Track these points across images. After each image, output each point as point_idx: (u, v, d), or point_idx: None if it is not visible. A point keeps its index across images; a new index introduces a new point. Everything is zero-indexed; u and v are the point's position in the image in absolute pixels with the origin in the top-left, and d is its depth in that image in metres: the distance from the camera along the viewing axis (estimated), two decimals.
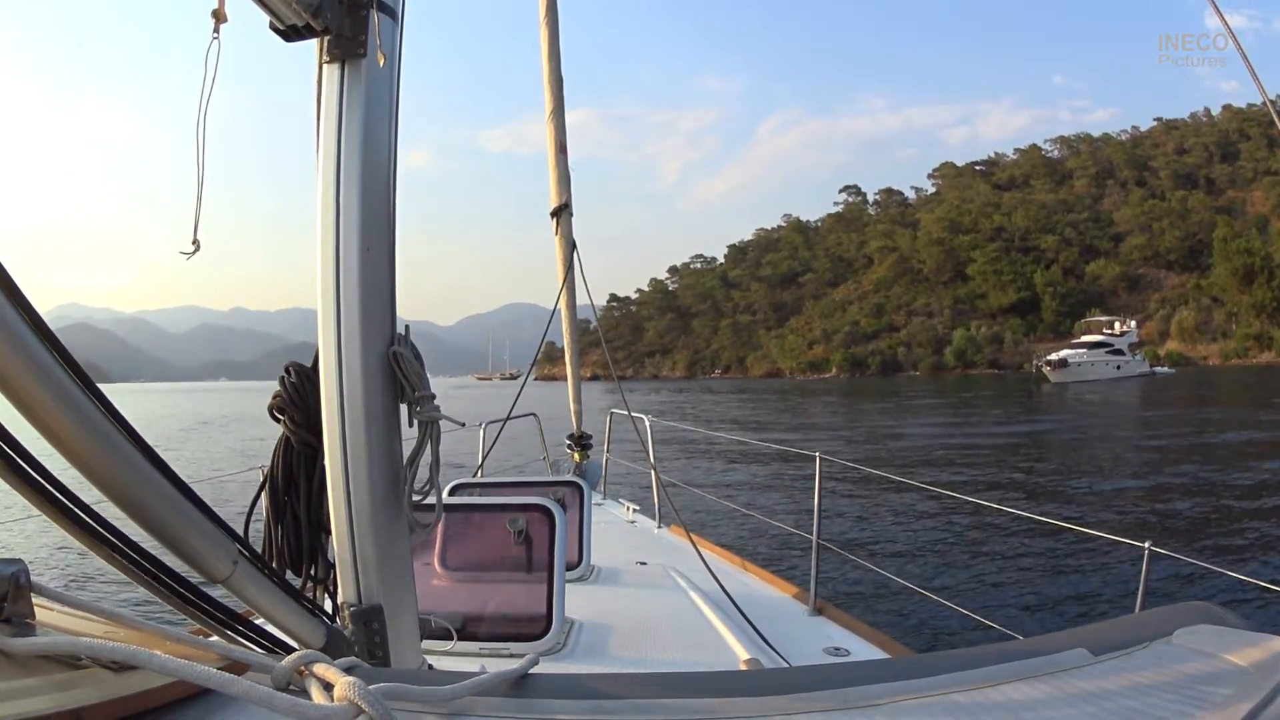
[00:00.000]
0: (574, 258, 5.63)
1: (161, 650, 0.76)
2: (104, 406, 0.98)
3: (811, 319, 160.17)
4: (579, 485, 4.38)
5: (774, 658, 3.07)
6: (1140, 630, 0.92)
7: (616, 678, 0.88)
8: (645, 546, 5.13)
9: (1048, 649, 0.89)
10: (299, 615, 1.42)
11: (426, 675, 1.18)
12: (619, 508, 6.53)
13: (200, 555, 1.15)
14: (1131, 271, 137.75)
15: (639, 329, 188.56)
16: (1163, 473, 16.55)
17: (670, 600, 3.78)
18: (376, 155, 1.60)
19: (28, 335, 0.86)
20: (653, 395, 65.97)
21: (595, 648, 3.08)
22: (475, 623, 3.03)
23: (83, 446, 0.95)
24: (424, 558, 3.28)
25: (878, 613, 7.36)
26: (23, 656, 0.70)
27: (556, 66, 5.67)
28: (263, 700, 0.65)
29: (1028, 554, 10.03)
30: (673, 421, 22.37)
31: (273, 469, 1.74)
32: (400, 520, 1.67)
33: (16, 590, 0.78)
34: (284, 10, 1.45)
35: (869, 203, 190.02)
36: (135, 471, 1.04)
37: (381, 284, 1.62)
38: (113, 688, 0.70)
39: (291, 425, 1.71)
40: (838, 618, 3.81)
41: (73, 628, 0.88)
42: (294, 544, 1.72)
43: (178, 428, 39.17)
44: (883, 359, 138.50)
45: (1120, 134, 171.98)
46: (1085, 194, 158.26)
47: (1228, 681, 0.77)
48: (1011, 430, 28.09)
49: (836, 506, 12.73)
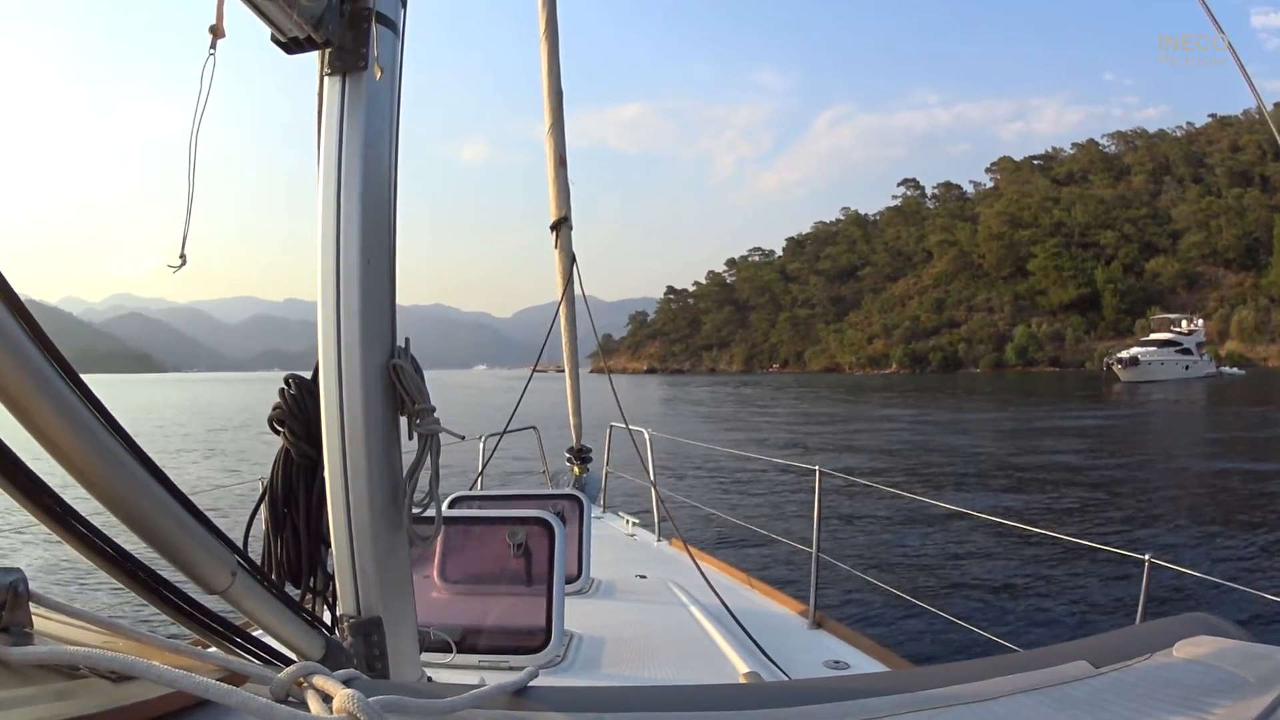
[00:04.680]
0: (574, 271, 5.64)
1: (160, 661, 0.76)
2: (103, 416, 0.98)
3: (871, 313, 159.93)
4: (578, 498, 4.38)
5: (774, 671, 3.05)
6: (1141, 642, 0.92)
7: (615, 691, 0.88)
8: (644, 560, 5.11)
9: (1048, 661, 0.88)
10: (298, 627, 1.41)
11: (425, 688, 1.18)
12: (618, 521, 6.51)
13: (199, 566, 1.15)
14: (1190, 269, 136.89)
15: (696, 322, 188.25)
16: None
17: (669, 614, 3.76)
18: (377, 167, 1.61)
19: (26, 345, 0.86)
20: (708, 392, 62.44)
21: (594, 661, 3.07)
22: (474, 635, 3.02)
23: (81, 457, 0.95)
24: (423, 570, 3.28)
25: (877, 626, 7.32)
26: (21, 666, 0.70)
27: (556, 81, 5.71)
28: (261, 712, 0.65)
29: (1028, 567, 10.00)
30: (673, 435, 22.21)
31: (272, 481, 1.74)
32: (400, 532, 1.67)
33: (15, 599, 0.78)
34: (285, 23, 1.46)
35: (927, 196, 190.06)
36: (134, 482, 1.04)
37: (382, 296, 1.62)
38: (111, 697, 0.70)
39: (291, 437, 1.71)
40: (837, 631, 3.79)
41: (71, 637, 0.87)
42: (293, 556, 1.72)
43: (222, 418, 40.05)
44: (943, 355, 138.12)
45: (1175, 130, 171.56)
46: (1143, 190, 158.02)
47: (1228, 693, 0.76)
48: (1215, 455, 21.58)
49: (838, 519, 12.69)
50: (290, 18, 1.44)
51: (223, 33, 1.41)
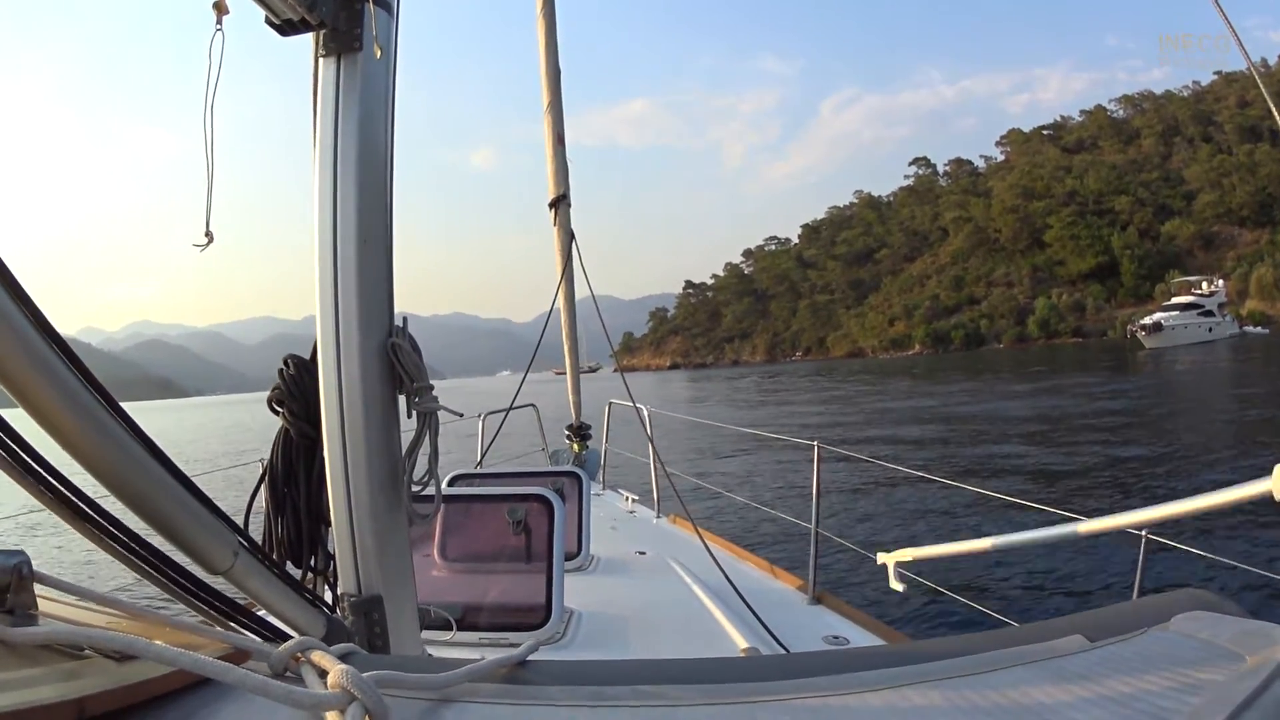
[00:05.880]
0: (573, 249, 5.62)
1: (164, 640, 0.77)
2: (105, 400, 0.99)
3: (890, 295, 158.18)
4: (578, 475, 4.39)
5: (773, 646, 3.08)
6: (1137, 617, 0.92)
7: (614, 664, 0.89)
8: (644, 536, 5.14)
9: (1044, 635, 0.89)
10: (299, 606, 1.43)
11: (421, 662, 1.19)
12: (618, 498, 6.54)
13: (201, 547, 1.16)
14: (1206, 230, 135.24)
15: (716, 315, 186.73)
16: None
17: (669, 589, 3.79)
18: (374, 148, 1.60)
19: (28, 330, 0.86)
20: (731, 385, 61.46)
21: (594, 637, 3.10)
22: (475, 613, 3.04)
23: (84, 440, 0.96)
24: (424, 549, 3.30)
25: (877, 602, 7.39)
26: (26, 647, 0.71)
27: (554, 60, 5.67)
28: (258, 688, 0.66)
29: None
30: (672, 412, 22.16)
31: (272, 461, 1.75)
32: (399, 511, 1.68)
33: (19, 581, 0.79)
34: (280, 5, 1.45)
35: (939, 174, 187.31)
36: (136, 465, 1.04)
37: (380, 276, 1.62)
38: (115, 677, 0.71)
39: (290, 417, 1.72)
40: (837, 607, 3.82)
41: (76, 618, 0.88)
42: (294, 535, 1.73)
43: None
44: (965, 333, 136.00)
45: (1181, 90, 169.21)
46: (1154, 153, 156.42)
47: (1224, 668, 0.77)
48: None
49: (837, 494, 12.75)
50: (285, 0, 1.44)
51: (226, 9, 1.42)
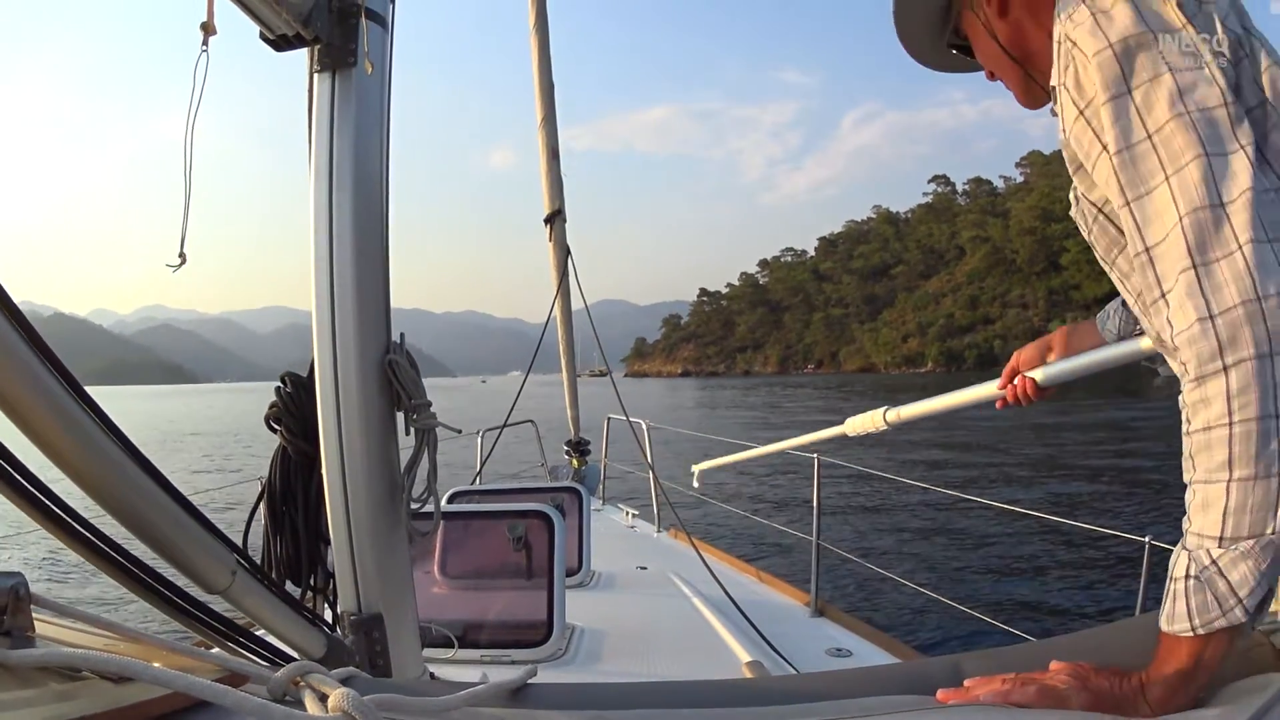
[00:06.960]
0: (569, 264, 5.64)
1: (162, 662, 0.76)
2: (98, 417, 0.98)
3: (905, 311, 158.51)
4: (578, 491, 4.38)
5: (776, 660, 3.06)
6: (1138, 635, 0.92)
7: (616, 687, 0.88)
8: (645, 551, 5.12)
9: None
10: (299, 625, 1.41)
11: (422, 685, 1.18)
12: (618, 513, 6.52)
13: (199, 567, 1.15)
14: None
15: (730, 324, 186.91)
16: None
17: (671, 604, 3.77)
18: (369, 163, 1.60)
19: (19, 345, 0.85)
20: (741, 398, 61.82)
21: (596, 653, 3.08)
22: (476, 630, 3.02)
23: (78, 459, 0.95)
24: (424, 566, 3.28)
25: (880, 613, 7.35)
26: (22, 669, 0.70)
27: (547, 73, 5.70)
28: (257, 711, 0.65)
29: (1031, 551, 10.02)
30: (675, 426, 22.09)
31: (270, 479, 1.74)
32: (399, 529, 1.67)
33: (16, 603, 0.78)
34: (274, 20, 1.45)
35: (958, 193, 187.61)
36: (131, 483, 1.03)
37: (376, 293, 1.62)
38: (112, 698, 0.70)
39: (288, 435, 1.71)
40: (839, 619, 3.80)
41: (73, 640, 0.88)
42: (293, 554, 1.72)
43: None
44: (979, 353, 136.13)
45: None
46: None
47: (1227, 685, 0.77)
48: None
49: (838, 507, 12.71)
50: (279, 15, 1.44)
51: (214, 29, 1.42)
